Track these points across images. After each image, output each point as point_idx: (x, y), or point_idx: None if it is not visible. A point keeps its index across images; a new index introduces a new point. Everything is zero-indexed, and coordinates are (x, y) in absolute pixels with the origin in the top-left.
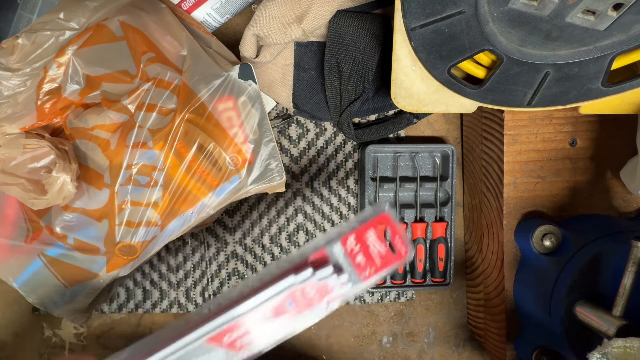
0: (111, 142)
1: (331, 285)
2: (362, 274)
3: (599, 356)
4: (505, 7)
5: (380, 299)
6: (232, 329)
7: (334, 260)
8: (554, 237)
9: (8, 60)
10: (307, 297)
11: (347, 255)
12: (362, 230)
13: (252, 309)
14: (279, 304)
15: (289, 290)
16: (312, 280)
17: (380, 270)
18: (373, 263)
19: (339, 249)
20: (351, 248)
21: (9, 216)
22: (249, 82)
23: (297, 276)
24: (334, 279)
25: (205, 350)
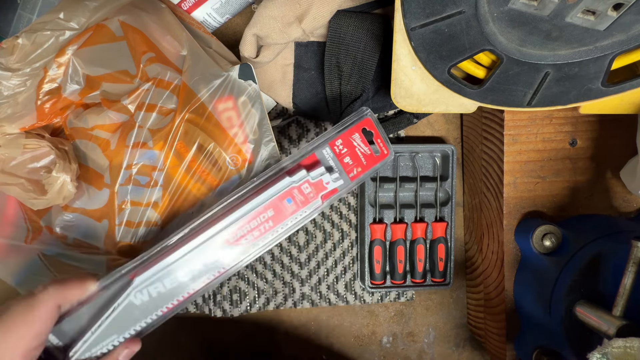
0: (111, 142)
1: (325, 182)
2: (350, 174)
3: (599, 356)
4: (505, 7)
5: (380, 299)
6: (236, 230)
7: (324, 162)
8: (554, 237)
9: (8, 60)
10: (304, 194)
11: (336, 157)
12: (348, 133)
13: (253, 209)
14: (278, 202)
15: (285, 190)
16: (308, 179)
17: (366, 170)
18: (360, 163)
19: (328, 152)
20: (339, 150)
21: (8, 216)
22: (249, 82)
23: (292, 177)
24: (327, 177)
25: (214, 249)
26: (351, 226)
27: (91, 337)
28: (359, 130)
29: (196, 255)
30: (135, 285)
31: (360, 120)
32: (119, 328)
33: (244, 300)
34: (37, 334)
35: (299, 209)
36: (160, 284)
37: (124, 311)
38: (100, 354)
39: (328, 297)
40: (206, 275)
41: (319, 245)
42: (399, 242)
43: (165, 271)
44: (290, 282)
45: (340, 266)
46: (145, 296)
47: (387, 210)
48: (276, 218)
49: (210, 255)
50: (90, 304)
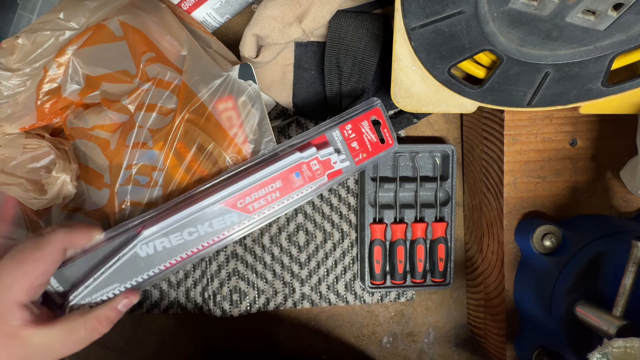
0: (111, 142)
1: (333, 161)
2: (355, 158)
3: (599, 356)
4: (505, 7)
5: (380, 299)
6: (245, 196)
7: (333, 144)
8: (554, 237)
9: (8, 60)
10: (312, 170)
11: (344, 140)
12: (357, 120)
13: (263, 178)
14: (287, 175)
15: (295, 164)
16: (317, 156)
17: (371, 156)
18: (366, 149)
19: (337, 135)
20: (348, 134)
21: (8, 216)
22: (249, 82)
23: (302, 153)
24: (335, 157)
25: (221, 212)
26: (351, 226)
27: (93, 283)
28: (368, 119)
29: (204, 216)
30: (143, 238)
31: (370, 109)
32: (121, 277)
33: (244, 300)
34: (42, 272)
35: (305, 183)
36: (166, 238)
37: (129, 261)
38: (100, 301)
39: (328, 297)
40: (211, 237)
41: (319, 246)
42: (399, 242)
43: (172, 227)
44: (290, 282)
45: (340, 266)
46: (150, 249)
47: (387, 210)
48: (283, 190)
49: (217, 217)
50: (94, 253)
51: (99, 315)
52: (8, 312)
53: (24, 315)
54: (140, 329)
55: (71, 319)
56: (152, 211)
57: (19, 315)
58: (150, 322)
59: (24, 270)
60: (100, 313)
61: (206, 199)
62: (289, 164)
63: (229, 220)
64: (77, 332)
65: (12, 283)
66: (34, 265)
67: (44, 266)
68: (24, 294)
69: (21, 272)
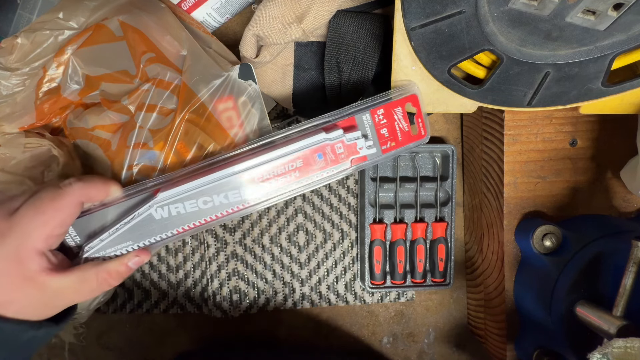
0: (112, 143)
1: (359, 147)
2: (383, 146)
3: (600, 356)
4: (505, 7)
5: (380, 299)
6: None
7: (361, 128)
8: (554, 237)
9: (7, 60)
10: (336, 154)
11: (374, 126)
12: (391, 105)
13: (285, 155)
14: (309, 155)
15: (319, 145)
16: (343, 140)
17: (400, 146)
18: (395, 138)
19: (367, 119)
20: (379, 120)
21: None
22: (249, 82)
23: (327, 134)
24: (362, 142)
25: (238, 185)
26: (351, 226)
27: (108, 238)
28: (403, 105)
29: (220, 186)
30: (158, 200)
31: (407, 94)
32: (134, 236)
33: (244, 300)
34: (60, 223)
35: (327, 166)
36: (181, 204)
37: (143, 222)
38: (113, 255)
39: (328, 297)
40: (225, 209)
41: (319, 246)
42: (399, 242)
43: (188, 194)
44: (290, 282)
45: (340, 266)
46: (165, 212)
47: (387, 211)
48: (303, 170)
49: (233, 189)
50: (111, 207)
51: (110, 268)
52: (27, 258)
53: (42, 262)
54: (140, 329)
55: (85, 269)
56: (171, 174)
57: (37, 262)
58: (150, 322)
59: (43, 220)
60: (111, 266)
61: (225, 169)
62: (312, 144)
63: (245, 194)
64: (90, 282)
65: (32, 230)
66: (53, 215)
67: (61, 217)
68: (43, 242)
69: (41, 221)
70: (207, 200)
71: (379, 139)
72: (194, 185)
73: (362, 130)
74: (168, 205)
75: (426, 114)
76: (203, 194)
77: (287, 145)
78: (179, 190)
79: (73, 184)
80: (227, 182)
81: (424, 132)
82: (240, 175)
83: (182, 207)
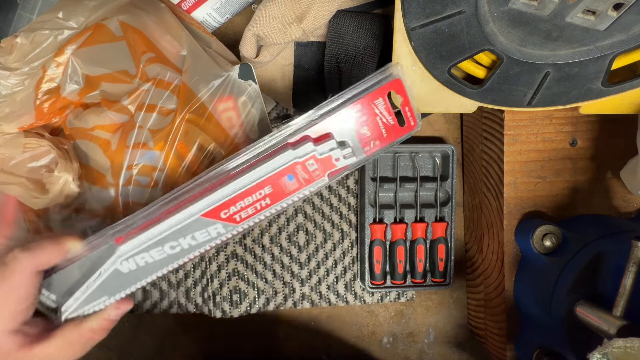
0: (112, 143)
1: (335, 158)
2: (365, 147)
3: (600, 356)
4: (505, 7)
5: (380, 299)
6: (229, 205)
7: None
8: (554, 237)
9: (6, 60)
10: (309, 172)
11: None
12: (370, 97)
13: (248, 184)
14: (278, 179)
15: (287, 165)
16: (314, 155)
17: (386, 144)
18: (379, 135)
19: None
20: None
21: (8, 216)
22: (249, 82)
23: (295, 150)
24: (338, 152)
25: (203, 224)
26: (351, 226)
27: (82, 297)
28: (384, 95)
29: (184, 229)
30: (120, 254)
31: (387, 80)
32: (108, 291)
33: (244, 300)
34: (20, 299)
35: (301, 187)
36: (146, 254)
37: (111, 277)
38: (93, 312)
39: (328, 297)
40: (197, 249)
41: (319, 246)
42: (399, 242)
43: (150, 243)
44: (290, 282)
45: (340, 266)
46: (132, 265)
47: (387, 210)
48: (274, 196)
49: (199, 230)
50: (80, 261)
51: (92, 326)
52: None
53: (17, 339)
54: (140, 329)
55: (66, 332)
56: (128, 219)
57: (12, 341)
58: (150, 322)
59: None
60: (94, 324)
61: (183, 211)
62: (278, 166)
63: (214, 231)
64: (74, 344)
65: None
66: (8, 294)
67: (18, 294)
68: (10, 322)
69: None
70: (173, 245)
71: (360, 140)
72: (154, 233)
73: (338, 135)
74: (133, 257)
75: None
76: (167, 239)
77: (253, 170)
78: (139, 240)
79: (18, 256)
80: (190, 224)
81: (414, 122)
82: (204, 214)
83: (149, 256)
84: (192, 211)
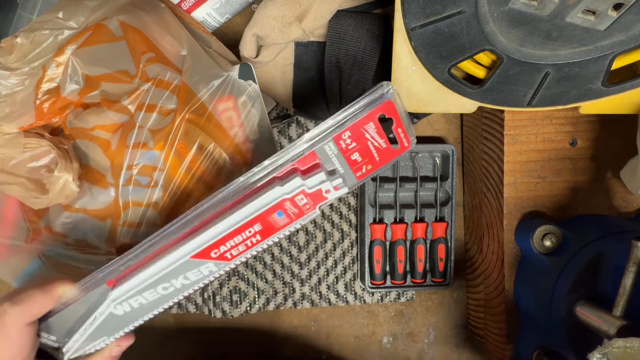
0: (112, 143)
1: (325, 190)
2: (357, 172)
3: (600, 356)
4: (505, 7)
5: (380, 299)
6: (219, 245)
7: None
8: (554, 237)
9: (6, 60)
10: (299, 206)
11: (342, 154)
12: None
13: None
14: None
15: (275, 202)
16: (303, 189)
17: (378, 167)
18: (371, 159)
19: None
20: (346, 145)
21: (9, 216)
22: (249, 82)
23: (283, 187)
24: (328, 185)
25: (194, 265)
26: (351, 226)
27: (81, 339)
28: (375, 118)
29: (175, 271)
30: (114, 298)
31: (378, 103)
32: (107, 331)
33: (244, 300)
34: (18, 350)
35: (291, 222)
36: (140, 296)
37: (107, 320)
38: (94, 350)
39: (328, 297)
40: (191, 287)
41: (319, 245)
42: (399, 242)
43: (142, 286)
44: (290, 282)
45: (340, 266)
46: (126, 307)
47: (387, 210)
48: (264, 232)
49: (191, 270)
50: (74, 304)
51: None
52: None
53: None
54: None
55: None
56: (116, 261)
57: None
58: (150, 322)
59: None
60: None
61: (172, 254)
62: (266, 203)
63: (206, 270)
64: None
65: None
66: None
67: (13, 347)
68: None
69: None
70: (166, 286)
71: (351, 166)
72: (145, 276)
73: (327, 164)
74: (126, 301)
75: (408, 119)
76: (159, 281)
77: (241, 207)
78: (130, 284)
79: (8, 310)
80: (180, 266)
81: (407, 143)
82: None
83: (142, 298)
84: (181, 253)
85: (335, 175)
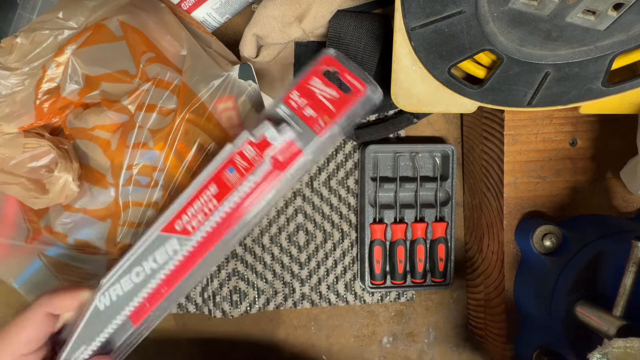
0: (112, 143)
1: (270, 137)
2: (315, 126)
3: (599, 356)
4: (505, 7)
5: (380, 299)
6: (180, 215)
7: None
8: (554, 237)
9: (6, 60)
10: (247, 159)
11: (295, 113)
12: (303, 82)
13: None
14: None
15: (227, 159)
16: (250, 139)
17: (336, 117)
18: (326, 110)
19: (283, 110)
20: (297, 104)
21: (9, 216)
22: (249, 82)
23: (232, 143)
24: (271, 131)
25: (162, 241)
26: (351, 226)
27: (65, 350)
28: (319, 74)
29: (147, 250)
30: (100, 287)
31: (316, 62)
32: (86, 337)
33: (244, 300)
34: (28, 340)
35: (243, 177)
36: (118, 285)
37: (92, 317)
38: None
39: (328, 297)
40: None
41: (319, 246)
42: (399, 242)
43: (122, 271)
44: (290, 282)
45: (340, 266)
46: (107, 300)
47: (387, 210)
48: (220, 195)
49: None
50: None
51: None
52: None
53: None
54: None
55: None
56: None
57: None
58: None
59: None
60: None
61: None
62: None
63: (170, 248)
64: None
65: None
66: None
67: (27, 334)
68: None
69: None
70: (139, 271)
71: (307, 122)
72: (124, 259)
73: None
74: (108, 290)
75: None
76: (134, 264)
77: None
78: (114, 270)
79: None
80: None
81: (362, 86)
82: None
83: (120, 287)
84: (154, 228)
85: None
